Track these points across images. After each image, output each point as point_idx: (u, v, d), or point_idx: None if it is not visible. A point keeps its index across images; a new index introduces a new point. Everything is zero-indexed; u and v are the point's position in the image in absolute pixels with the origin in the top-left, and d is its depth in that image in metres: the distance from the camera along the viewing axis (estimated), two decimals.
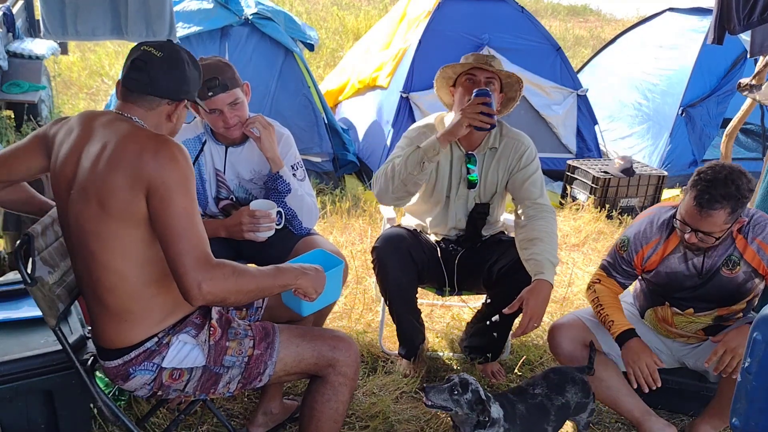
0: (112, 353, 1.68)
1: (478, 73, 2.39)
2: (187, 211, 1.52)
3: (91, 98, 7.37)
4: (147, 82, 1.63)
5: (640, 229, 2.26)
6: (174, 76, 1.66)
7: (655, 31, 6.39)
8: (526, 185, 2.46)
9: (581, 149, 5.52)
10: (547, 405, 2.08)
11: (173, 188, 1.51)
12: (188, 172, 1.56)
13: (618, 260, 2.30)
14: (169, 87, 1.66)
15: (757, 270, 2.12)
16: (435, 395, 1.93)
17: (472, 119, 2.26)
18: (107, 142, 1.57)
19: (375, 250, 2.51)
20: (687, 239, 2.07)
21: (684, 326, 2.30)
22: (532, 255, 2.29)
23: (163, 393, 1.75)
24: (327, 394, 1.81)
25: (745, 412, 1.47)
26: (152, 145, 1.54)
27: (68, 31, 3.36)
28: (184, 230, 1.51)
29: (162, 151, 1.53)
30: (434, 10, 5.33)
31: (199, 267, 1.50)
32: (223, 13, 5.05)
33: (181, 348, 1.71)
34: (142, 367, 1.68)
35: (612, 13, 16.14)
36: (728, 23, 3.00)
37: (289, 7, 10.71)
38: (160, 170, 1.51)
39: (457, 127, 2.30)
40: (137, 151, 1.53)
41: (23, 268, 1.64)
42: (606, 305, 2.28)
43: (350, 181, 5.24)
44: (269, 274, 1.66)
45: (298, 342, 1.80)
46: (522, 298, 2.20)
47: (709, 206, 1.96)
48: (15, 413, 2.00)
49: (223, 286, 1.52)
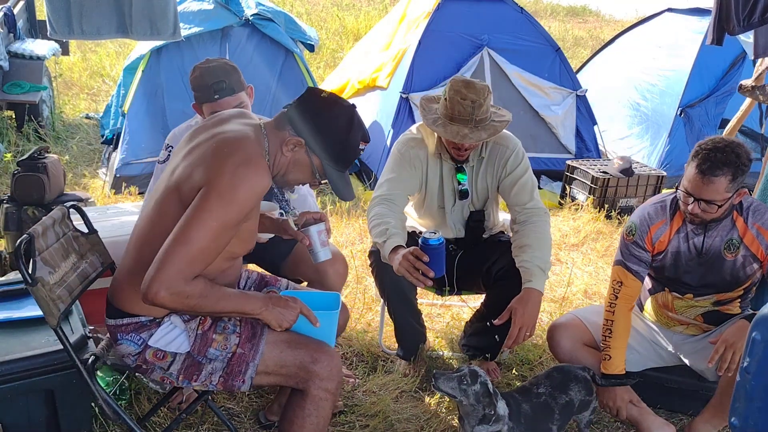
0: (113, 311, 1.76)
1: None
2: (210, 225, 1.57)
3: (92, 99, 7.37)
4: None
5: (644, 213, 2.29)
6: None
7: (654, 32, 6.39)
8: (515, 190, 2.46)
9: (580, 149, 5.52)
10: (551, 404, 2.09)
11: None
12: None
13: (630, 248, 2.29)
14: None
15: (756, 255, 2.16)
16: (444, 383, 1.94)
17: (407, 275, 2.16)
18: None
19: (372, 254, 2.51)
20: (690, 210, 2.10)
21: (684, 311, 2.33)
22: (521, 263, 2.30)
23: (148, 369, 1.77)
24: (308, 409, 1.77)
25: (744, 411, 1.48)
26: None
27: (74, 30, 3.37)
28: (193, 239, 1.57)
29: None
30: (434, 10, 5.34)
31: (174, 282, 1.56)
32: (223, 13, 5.06)
33: (170, 330, 1.75)
34: (129, 337, 1.75)
35: (611, 14, 16.12)
36: (727, 24, 3.00)
37: (289, 8, 10.71)
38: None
39: (393, 266, 2.23)
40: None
41: (24, 269, 1.65)
42: (615, 335, 2.28)
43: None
44: (234, 300, 1.70)
45: (282, 348, 1.78)
46: (511, 308, 2.21)
47: (711, 173, 2.02)
48: (16, 412, 2.01)
49: (179, 304, 1.62)
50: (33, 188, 3.16)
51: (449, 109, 2.31)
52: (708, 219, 2.13)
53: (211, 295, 1.64)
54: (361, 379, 2.63)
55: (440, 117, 2.36)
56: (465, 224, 2.62)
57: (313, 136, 1.70)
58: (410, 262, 2.13)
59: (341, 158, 1.76)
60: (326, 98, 1.73)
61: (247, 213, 1.64)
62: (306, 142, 1.71)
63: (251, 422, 2.36)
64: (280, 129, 1.72)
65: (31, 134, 5.54)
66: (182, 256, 1.56)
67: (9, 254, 3.10)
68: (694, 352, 2.34)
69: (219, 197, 1.57)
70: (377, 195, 2.45)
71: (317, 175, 1.76)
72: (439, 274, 2.14)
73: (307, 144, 1.71)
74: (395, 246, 2.24)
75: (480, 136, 2.31)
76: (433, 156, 2.52)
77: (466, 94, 2.28)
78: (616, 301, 2.30)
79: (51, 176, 3.21)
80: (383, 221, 2.33)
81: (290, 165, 1.75)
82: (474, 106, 2.27)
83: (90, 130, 6.15)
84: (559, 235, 4.38)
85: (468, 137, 2.30)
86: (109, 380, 2.27)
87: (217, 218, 1.57)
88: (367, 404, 2.46)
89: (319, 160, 1.73)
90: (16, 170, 3.22)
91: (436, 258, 2.12)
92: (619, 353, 2.27)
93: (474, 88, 2.30)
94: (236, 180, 1.58)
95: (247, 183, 1.59)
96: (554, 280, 3.71)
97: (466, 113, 2.28)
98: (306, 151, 1.72)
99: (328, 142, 1.72)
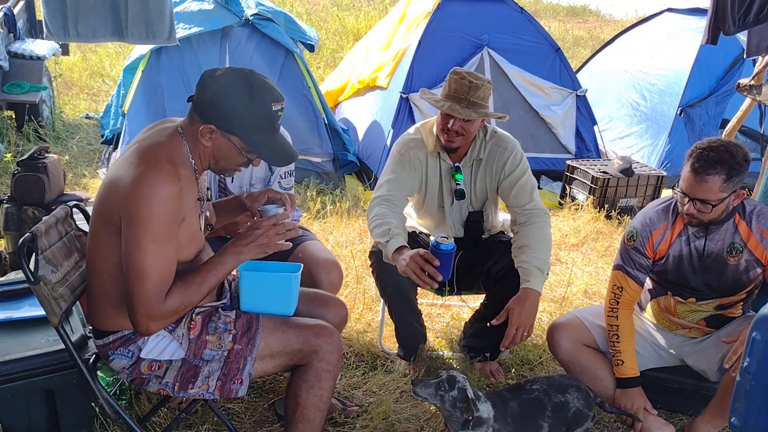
0: (97, 332, 1.80)
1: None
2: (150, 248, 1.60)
3: (92, 99, 7.37)
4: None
5: (646, 218, 2.29)
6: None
7: (653, 32, 6.39)
8: (514, 192, 2.47)
9: (580, 149, 5.52)
10: (543, 400, 2.07)
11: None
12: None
13: (630, 254, 2.29)
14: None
15: (760, 259, 2.16)
16: (422, 389, 1.95)
17: (413, 276, 2.17)
18: None
19: (373, 255, 2.51)
20: (686, 210, 2.11)
21: (686, 316, 2.32)
22: (520, 263, 2.31)
23: (144, 381, 1.78)
24: (310, 381, 1.83)
25: (744, 411, 1.48)
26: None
27: (69, 32, 3.38)
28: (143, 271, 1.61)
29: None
30: (434, 10, 5.34)
31: (155, 310, 1.63)
32: (223, 13, 5.06)
33: (160, 339, 1.76)
34: (119, 352, 1.76)
35: (611, 14, 16.14)
36: (723, 24, 3.01)
37: (289, 8, 10.71)
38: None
39: (398, 266, 2.24)
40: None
41: (26, 267, 1.65)
42: (623, 339, 2.29)
43: (350, 181, 5.25)
44: (212, 275, 1.73)
45: (284, 329, 1.83)
46: (508, 308, 2.22)
47: (704, 171, 2.03)
48: (16, 413, 2.01)
49: (172, 319, 1.71)
50: (33, 188, 3.16)
51: (446, 88, 2.39)
52: (705, 220, 2.12)
53: (191, 291, 1.69)
54: (362, 379, 2.63)
55: (440, 99, 2.42)
56: (464, 224, 2.62)
57: (220, 116, 1.66)
58: (419, 264, 2.14)
59: (256, 125, 1.69)
60: (219, 75, 1.67)
61: (173, 218, 1.62)
62: (217, 126, 1.67)
63: (251, 422, 2.36)
64: (192, 123, 1.70)
65: (31, 134, 5.54)
66: (146, 288, 1.60)
67: (9, 254, 3.10)
68: (695, 353, 2.34)
69: (139, 221, 1.57)
70: (377, 195, 2.45)
71: (244, 152, 1.71)
72: (446, 277, 2.17)
73: (219, 127, 1.67)
74: (398, 246, 2.24)
75: (469, 114, 2.35)
76: (432, 156, 2.53)
77: (465, 75, 2.37)
78: (618, 306, 2.30)
79: (51, 176, 3.21)
80: (385, 221, 2.33)
81: (215, 153, 1.72)
82: (470, 87, 2.34)
83: (90, 130, 6.15)
84: (559, 235, 4.38)
85: (457, 111, 2.34)
86: (109, 380, 2.27)
87: (151, 239, 1.58)
88: (367, 404, 2.46)
89: (238, 137, 1.69)
90: (16, 170, 3.22)
91: (446, 263, 2.14)
92: (630, 354, 2.28)
93: (475, 74, 2.40)
94: (141, 197, 1.57)
95: (152, 196, 1.57)
96: (554, 280, 3.71)
97: (462, 91, 2.35)
98: (222, 134, 1.68)
99: (234, 115, 1.66)
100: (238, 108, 1.66)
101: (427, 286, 2.17)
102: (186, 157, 1.70)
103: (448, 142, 2.44)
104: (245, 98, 1.65)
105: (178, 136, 1.71)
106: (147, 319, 1.63)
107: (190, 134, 1.70)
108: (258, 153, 1.72)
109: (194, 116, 1.69)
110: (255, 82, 1.67)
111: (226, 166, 1.77)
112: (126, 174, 1.61)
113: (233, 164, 1.76)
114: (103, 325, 1.78)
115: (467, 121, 2.38)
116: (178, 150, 1.69)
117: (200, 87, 1.68)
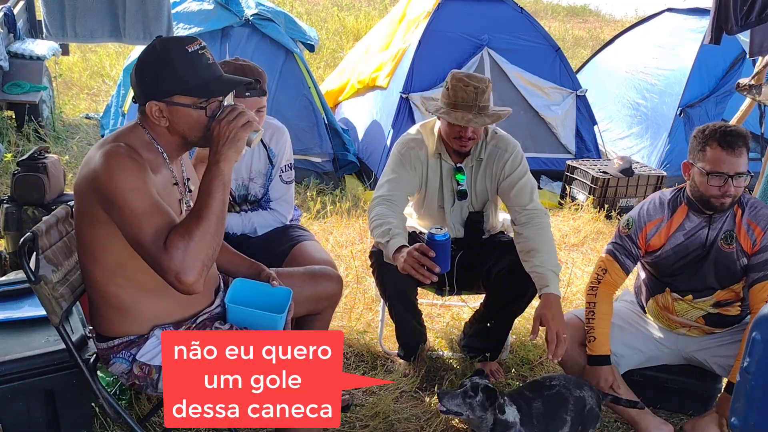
0: (101, 336, 1.78)
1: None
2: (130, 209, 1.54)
3: (92, 99, 7.37)
4: None
5: (643, 209, 2.34)
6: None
7: (653, 32, 6.39)
8: (514, 192, 2.47)
9: (580, 149, 5.53)
10: (565, 394, 2.08)
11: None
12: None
13: (623, 240, 2.34)
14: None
15: (744, 249, 2.20)
16: (448, 401, 1.95)
17: (411, 272, 2.16)
18: None
19: (373, 255, 2.51)
20: (725, 191, 2.11)
21: (684, 313, 2.35)
22: (533, 268, 2.30)
23: (141, 385, 1.76)
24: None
25: (744, 411, 1.48)
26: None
27: (68, 32, 3.39)
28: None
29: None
30: (434, 10, 5.34)
31: (177, 270, 1.51)
32: (223, 14, 5.06)
33: (156, 345, 1.74)
34: (121, 355, 1.76)
35: (611, 14, 16.16)
36: (725, 23, 3.01)
37: (289, 8, 10.71)
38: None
39: (398, 265, 2.23)
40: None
41: (27, 266, 1.65)
42: (598, 317, 2.32)
43: (350, 181, 5.25)
44: (211, 198, 1.58)
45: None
46: (539, 317, 2.22)
47: (735, 145, 2.09)
48: (16, 413, 2.01)
49: (198, 264, 1.53)
50: (33, 188, 3.15)
51: (452, 96, 2.36)
52: (739, 195, 2.17)
53: (202, 226, 1.55)
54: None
55: (443, 106, 2.39)
56: (464, 224, 2.62)
57: (151, 89, 1.63)
58: (415, 258, 2.14)
59: (186, 74, 1.61)
60: (141, 57, 1.66)
61: (149, 189, 1.57)
62: (156, 99, 1.63)
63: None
64: (143, 114, 1.67)
65: (31, 134, 5.53)
66: (158, 251, 1.52)
67: (9, 254, 3.10)
68: (701, 349, 2.37)
69: (120, 199, 1.53)
70: (378, 195, 2.45)
71: (196, 106, 1.63)
72: (445, 269, 2.16)
73: (159, 99, 1.63)
74: (399, 246, 2.24)
75: (484, 121, 2.35)
76: (433, 156, 2.52)
77: (469, 82, 2.34)
78: (598, 285, 2.36)
79: (51, 176, 3.21)
80: (385, 221, 2.33)
81: (177, 128, 1.67)
82: (477, 92, 2.32)
83: (90, 130, 6.15)
84: (559, 235, 4.38)
85: (473, 121, 2.33)
86: (109, 380, 2.27)
87: (140, 210, 1.53)
88: (367, 404, 2.46)
89: (179, 95, 1.63)
90: (16, 170, 3.22)
91: (442, 253, 2.13)
92: (604, 333, 2.31)
93: (475, 77, 2.37)
94: (108, 178, 1.54)
95: (117, 173, 1.54)
96: None
97: (470, 99, 2.33)
98: (168, 105, 1.63)
99: (160, 79, 1.61)
100: (159, 71, 1.61)
101: (427, 280, 2.15)
102: (150, 143, 1.68)
103: (462, 147, 2.44)
104: (160, 59, 1.61)
105: (138, 127, 1.69)
106: (178, 275, 1.51)
107: (148, 124, 1.69)
108: (207, 94, 1.64)
109: (140, 108, 1.68)
110: (158, 43, 1.64)
111: (194, 137, 1.69)
112: (89, 167, 1.60)
113: (199, 132, 1.67)
114: (106, 330, 1.77)
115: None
116: (138, 138, 1.66)
117: (133, 73, 1.67)
